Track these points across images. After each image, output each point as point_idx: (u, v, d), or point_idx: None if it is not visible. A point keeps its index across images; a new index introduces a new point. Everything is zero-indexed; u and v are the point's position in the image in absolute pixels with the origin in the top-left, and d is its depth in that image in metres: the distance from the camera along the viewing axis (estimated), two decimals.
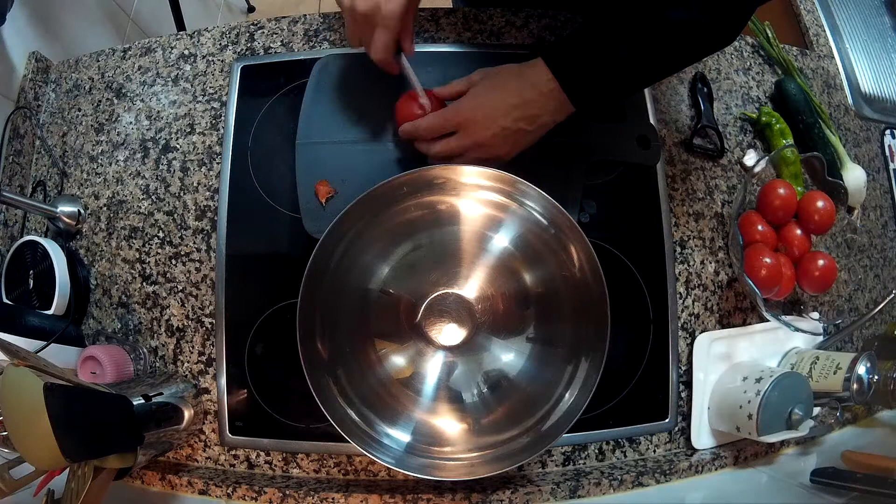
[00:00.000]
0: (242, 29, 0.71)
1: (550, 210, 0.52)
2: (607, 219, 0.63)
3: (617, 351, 0.53)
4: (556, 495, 0.56)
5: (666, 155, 0.66)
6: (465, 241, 0.57)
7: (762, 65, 0.75)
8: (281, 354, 0.59)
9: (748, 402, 0.55)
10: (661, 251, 0.63)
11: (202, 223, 0.64)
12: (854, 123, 0.80)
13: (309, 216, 0.60)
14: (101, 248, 0.66)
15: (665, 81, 0.70)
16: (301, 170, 0.62)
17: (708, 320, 0.64)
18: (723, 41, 0.51)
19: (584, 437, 0.59)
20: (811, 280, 0.63)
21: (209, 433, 0.60)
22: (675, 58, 0.51)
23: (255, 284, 0.61)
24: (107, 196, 0.67)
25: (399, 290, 0.57)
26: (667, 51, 0.49)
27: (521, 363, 0.56)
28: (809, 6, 0.88)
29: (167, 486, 0.58)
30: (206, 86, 0.69)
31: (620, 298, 0.50)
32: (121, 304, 0.64)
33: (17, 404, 0.41)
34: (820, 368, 0.59)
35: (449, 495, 0.55)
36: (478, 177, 0.53)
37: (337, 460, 0.59)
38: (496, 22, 0.69)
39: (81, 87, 0.73)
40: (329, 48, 0.68)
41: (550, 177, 0.61)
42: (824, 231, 0.65)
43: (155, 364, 0.62)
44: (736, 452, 0.61)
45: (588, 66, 0.49)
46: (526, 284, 0.57)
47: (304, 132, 0.63)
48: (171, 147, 0.67)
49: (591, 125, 0.63)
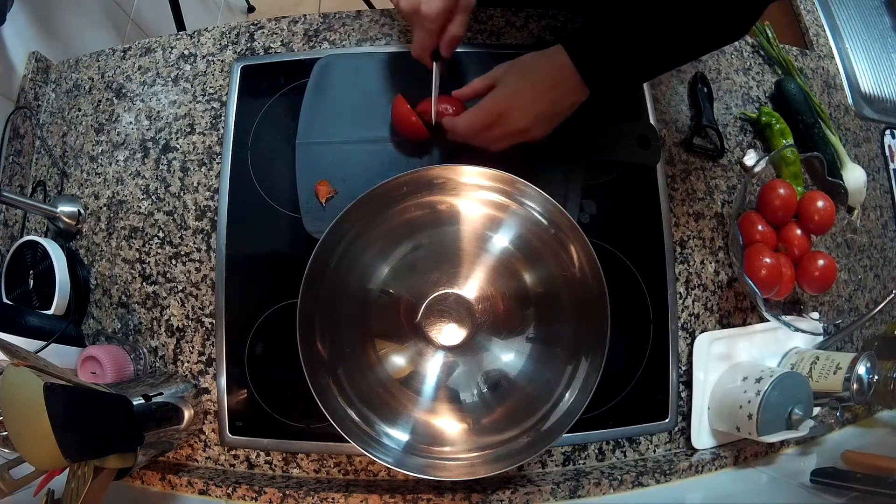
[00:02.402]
0: (242, 29, 0.71)
1: (550, 210, 0.52)
2: (607, 219, 0.63)
3: (617, 351, 0.53)
4: (556, 495, 0.56)
5: (666, 155, 0.66)
6: (465, 241, 0.57)
7: (762, 65, 0.75)
8: (281, 354, 0.59)
9: (748, 402, 0.55)
10: (661, 251, 0.63)
11: (202, 223, 0.64)
12: (854, 123, 0.80)
13: (309, 216, 0.60)
14: (101, 248, 0.66)
15: (665, 81, 0.70)
16: (301, 170, 0.62)
17: (708, 320, 0.64)
18: (737, 32, 0.52)
19: (584, 437, 0.59)
20: (811, 280, 0.63)
21: (209, 433, 0.60)
22: (691, 46, 0.53)
23: (255, 284, 0.61)
24: (107, 196, 0.67)
25: (399, 290, 0.57)
26: (683, 39, 0.51)
27: (521, 363, 0.56)
28: (809, 6, 0.88)
29: (167, 486, 0.58)
30: (206, 86, 0.69)
31: (620, 298, 0.50)
32: (121, 304, 0.64)
33: (17, 404, 0.41)
34: (820, 368, 0.59)
35: (449, 495, 0.55)
36: (478, 177, 0.53)
37: (337, 460, 0.59)
38: (496, 22, 0.69)
39: (81, 87, 0.73)
40: (329, 48, 0.68)
41: (550, 177, 0.61)
42: (824, 231, 0.65)
43: (155, 364, 0.62)
44: (736, 452, 0.61)
45: (603, 51, 0.51)
46: (526, 284, 0.57)
47: (304, 132, 0.63)
48: (171, 147, 0.67)
49: (591, 125, 0.63)
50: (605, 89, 0.53)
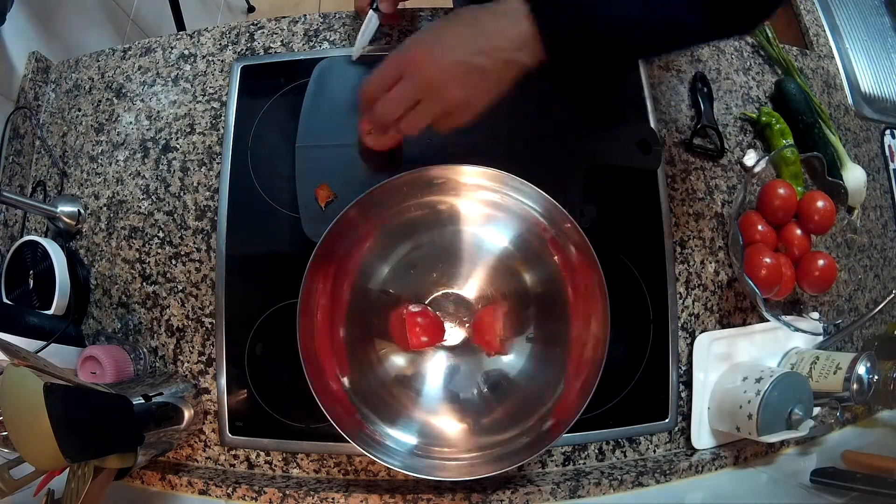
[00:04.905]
0: (242, 29, 0.71)
1: (550, 210, 0.52)
2: (607, 219, 0.63)
3: (617, 351, 0.53)
4: (556, 495, 0.56)
5: (666, 155, 0.66)
6: (465, 241, 0.57)
7: (762, 65, 0.75)
8: (281, 354, 0.59)
9: (748, 402, 0.55)
10: (661, 251, 0.63)
11: (202, 223, 0.64)
12: (854, 123, 0.80)
13: (309, 220, 0.60)
14: (101, 248, 0.66)
15: (665, 81, 0.70)
16: (301, 173, 0.61)
17: (708, 320, 0.64)
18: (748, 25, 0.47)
19: (584, 437, 0.59)
20: (811, 280, 0.63)
21: (209, 433, 0.60)
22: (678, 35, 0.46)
23: (255, 284, 0.61)
24: (107, 196, 0.67)
25: (399, 290, 0.57)
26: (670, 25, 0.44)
27: (521, 363, 0.56)
28: (809, 6, 0.88)
29: (167, 486, 0.58)
30: (206, 86, 0.69)
31: (620, 298, 0.50)
32: (121, 304, 0.64)
33: (17, 404, 0.41)
34: (820, 368, 0.59)
35: (449, 495, 0.55)
36: (478, 177, 0.53)
37: (337, 460, 0.59)
38: None
39: (81, 87, 0.73)
40: (329, 48, 0.68)
41: (550, 177, 0.61)
42: (824, 231, 0.65)
43: (155, 364, 0.62)
44: (736, 452, 0.61)
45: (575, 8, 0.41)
46: (526, 284, 0.57)
47: (303, 135, 0.63)
48: (171, 147, 0.67)
49: (590, 129, 0.63)
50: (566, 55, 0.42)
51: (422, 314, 0.56)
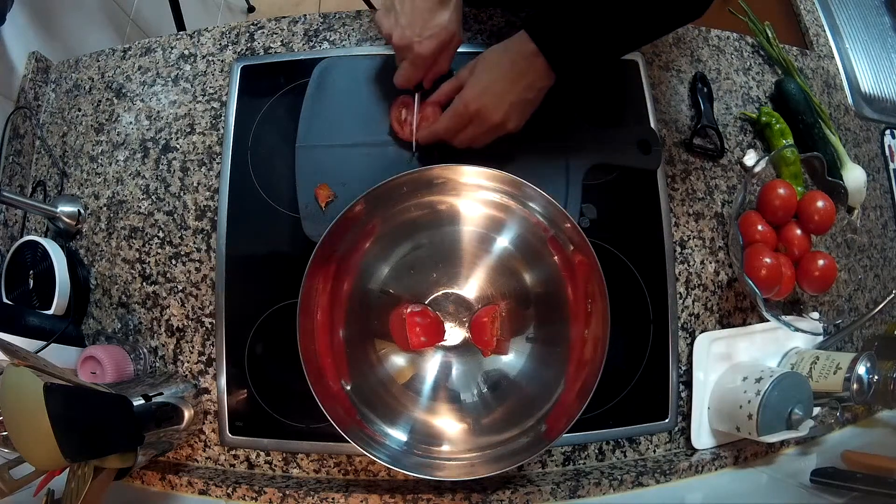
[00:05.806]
0: (242, 29, 0.71)
1: (550, 210, 0.52)
2: (607, 219, 0.63)
3: (617, 351, 0.53)
4: (556, 495, 0.56)
5: (666, 155, 0.66)
6: (465, 241, 0.57)
7: (762, 65, 0.75)
8: (281, 354, 0.59)
9: (748, 402, 0.55)
10: (661, 251, 0.63)
11: (202, 223, 0.64)
12: (854, 123, 0.80)
13: (309, 220, 0.60)
14: (101, 248, 0.66)
15: (665, 81, 0.70)
16: (301, 173, 0.61)
17: (708, 320, 0.64)
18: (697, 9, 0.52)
19: (584, 437, 0.59)
20: (811, 280, 0.63)
21: (209, 433, 0.60)
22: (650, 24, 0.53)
23: (255, 284, 0.61)
24: (107, 196, 0.67)
25: (399, 290, 0.57)
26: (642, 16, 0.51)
27: (521, 363, 0.56)
28: (809, 6, 0.88)
29: (167, 486, 0.58)
30: (206, 86, 0.69)
31: (620, 298, 0.50)
32: (121, 304, 0.64)
33: (17, 404, 0.41)
34: (820, 368, 0.59)
35: (449, 495, 0.55)
36: (478, 177, 0.53)
37: (337, 460, 0.59)
38: (496, 22, 0.69)
39: (81, 87, 0.73)
40: (329, 48, 0.68)
41: (550, 178, 0.61)
42: (824, 231, 0.65)
43: (155, 364, 0.62)
44: (736, 452, 0.61)
45: (566, 32, 0.51)
46: (526, 284, 0.57)
47: (304, 135, 0.63)
48: (171, 147, 0.67)
49: (590, 129, 0.63)
50: (571, 71, 0.53)
51: (422, 314, 0.56)
